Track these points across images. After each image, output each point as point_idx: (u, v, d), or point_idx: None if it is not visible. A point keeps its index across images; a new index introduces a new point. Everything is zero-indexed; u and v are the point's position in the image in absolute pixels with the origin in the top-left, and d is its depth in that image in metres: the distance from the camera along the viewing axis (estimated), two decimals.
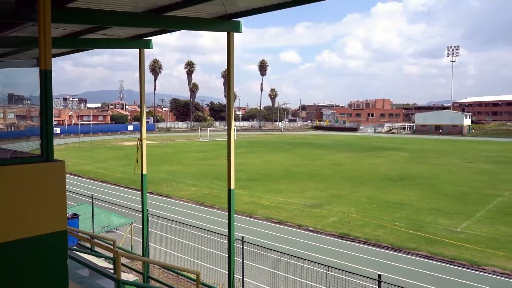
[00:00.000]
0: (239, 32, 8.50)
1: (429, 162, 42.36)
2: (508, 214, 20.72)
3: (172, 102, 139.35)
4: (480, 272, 13.56)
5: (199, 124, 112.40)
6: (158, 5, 7.51)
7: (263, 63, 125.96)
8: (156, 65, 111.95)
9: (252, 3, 7.47)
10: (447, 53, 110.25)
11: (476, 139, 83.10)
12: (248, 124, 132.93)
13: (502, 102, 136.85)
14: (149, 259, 11.55)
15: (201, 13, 8.04)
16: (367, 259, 14.66)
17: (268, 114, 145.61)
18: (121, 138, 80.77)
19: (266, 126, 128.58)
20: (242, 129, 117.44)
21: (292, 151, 55.14)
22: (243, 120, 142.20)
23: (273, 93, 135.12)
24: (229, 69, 8.61)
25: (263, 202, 23.49)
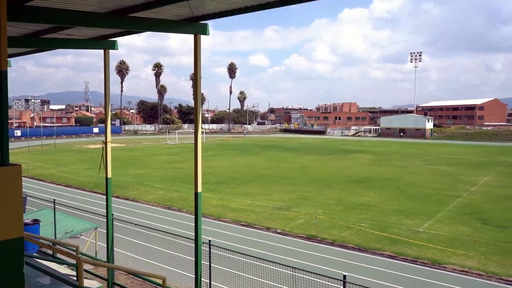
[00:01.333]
0: (206, 34, 8.47)
1: (394, 165, 43.56)
2: (467, 214, 21.59)
3: (139, 104, 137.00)
4: (441, 270, 14.03)
5: (167, 126, 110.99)
6: (122, 6, 7.37)
7: (232, 66, 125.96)
8: (122, 66, 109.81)
9: (219, 6, 7.47)
10: (411, 59, 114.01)
11: (438, 142, 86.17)
12: (217, 127, 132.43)
13: (462, 107, 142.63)
14: (114, 265, 11.28)
15: (168, 15, 7.96)
16: (334, 260, 14.89)
17: (237, 117, 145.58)
18: (86, 141, 78.63)
19: (235, 129, 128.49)
20: (211, 132, 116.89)
21: (261, 153, 55.36)
22: (212, 122, 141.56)
23: (242, 96, 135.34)
24: (196, 71, 8.56)
25: (232, 205, 23.44)
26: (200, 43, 8.46)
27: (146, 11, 7.53)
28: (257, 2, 7.01)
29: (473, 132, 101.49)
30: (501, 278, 13.25)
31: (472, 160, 49.07)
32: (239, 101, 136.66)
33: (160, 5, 7.06)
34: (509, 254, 15.30)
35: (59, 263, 8.94)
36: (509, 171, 38.92)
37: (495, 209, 22.78)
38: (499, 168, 40.74)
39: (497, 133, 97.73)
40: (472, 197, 26.13)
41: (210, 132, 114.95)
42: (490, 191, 28.20)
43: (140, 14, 7.71)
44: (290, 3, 6.78)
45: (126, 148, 64.68)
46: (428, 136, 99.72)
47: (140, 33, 9.82)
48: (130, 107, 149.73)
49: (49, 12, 7.01)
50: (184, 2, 6.81)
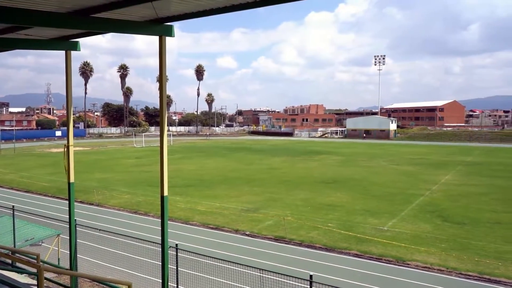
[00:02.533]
0: (172, 36, 8.40)
1: (359, 165, 44.53)
2: (429, 212, 22.36)
3: (104, 106, 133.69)
4: (404, 267, 14.46)
5: (134, 129, 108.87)
6: (84, 6, 7.20)
7: (200, 68, 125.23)
8: (86, 67, 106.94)
9: (184, 8, 7.42)
10: (375, 62, 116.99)
11: (401, 143, 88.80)
12: (185, 129, 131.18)
13: (423, 108, 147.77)
14: (77, 272, 10.96)
15: (131, 16, 7.84)
16: (302, 260, 15.05)
17: (205, 119, 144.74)
18: (48, 145, 76.00)
19: (203, 131, 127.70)
20: (179, 134, 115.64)
21: (229, 156, 55.27)
22: (180, 125, 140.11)
23: (209, 98, 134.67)
24: (161, 73, 8.47)
25: (200, 208, 23.27)
26: (165, 45, 8.38)
27: (109, 12, 7.39)
28: (222, 4, 7.02)
29: (434, 133, 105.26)
30: (461, 273, 13.80)
31: (433, 160, 50.88)
32: (207, 103, 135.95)
33: (123, 6, 6.95)
34: (468, 250, 15.96)
35: (18, 273, 8.60)
36: (467, 170, 40.62)
37: (454, 206, 23.70)
38: (458, 167, 42.44)
39: (456, 133, 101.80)
40: (434, 195, 27.09)
41: (178, 135, 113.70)
42: (450, 189, 29.32)
43: (103, 14, 7.56)
44: (255, 6, 6.83)
45: (90, 151, 62.98)
46: (392, 137, 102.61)
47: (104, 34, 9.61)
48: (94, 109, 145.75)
49: (6, 11, 6.75)
50: (148, 3, 6.74)
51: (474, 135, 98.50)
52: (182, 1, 6.98)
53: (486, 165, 44.51)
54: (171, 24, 8.35)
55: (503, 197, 26.40)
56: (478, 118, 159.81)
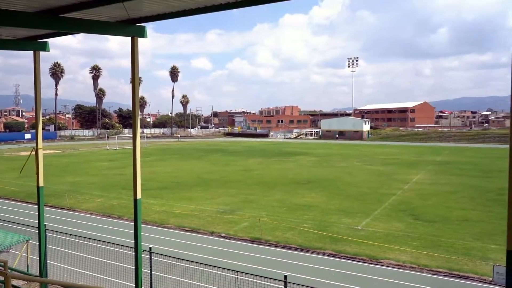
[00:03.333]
0: (144, 37, 8.30)
1: (334, 166, 45.12)
2: (401, 210, 22.86)
3: (76, 108, 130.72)
4: (378, 265, 14.72)
5: (107, 131, 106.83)
6: (53, 6, 7.04)
7: (175, 69, 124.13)
8: (57, 68, 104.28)
9: (157, 8, 7.36)
10: (348, 64, 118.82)
11: (374, 143, 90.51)
12: (160, 131, 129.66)
13: (396, 110, 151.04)
14: (47, 279, 10.67)
15: (102, 16, 7.71)
16: (277, 261, 15.12)
17: (180, 121, 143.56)
18: (17, 148, 73.62)
19: (178, 133, 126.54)
20: (153, 136, 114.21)
21: (204, 158, 54.99)
22: (154, 127, 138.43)
23: (184, 99, 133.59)
24: (133, 75, 8.36)
25: (175, 210, 23.05)
26: (137, 46, 8.28)
27: (79, 12, 7.25)
28: (195, 5, 7.00)
29: (405, 133, 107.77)
30: (432, 269, 14.17)
31: (405, 159, 52.07)
32: (181, 105, 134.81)
33: (94, 6, 6.82)
34: (438, 247, 16.40)
35: None
36: (437, 169, 41.76)
37: (425, 205, 24.32)
38: (429, 167, 43.58)
39: (426, 134, 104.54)
40: (406, 194, 27.72)
41: (153, 137, 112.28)
42: (421, 188, 30.07)
43: (73, 14, 7.41)
44: (227, 8, 6.83)
45: (61, 154, 61.41)
46: (365, 138, 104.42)
47: (74, 34, 9.41)
48: (66, 111, 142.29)
49: None
50: (119, 4, 6.64)
51: (444, 135, 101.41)
52: (154, 2, 6.91)
53: (455, 165, 45.88)
54: (143, 25, 8.26)
55: (471, 195, 27.27)
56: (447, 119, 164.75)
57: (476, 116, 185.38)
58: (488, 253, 15.75)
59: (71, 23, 7.60)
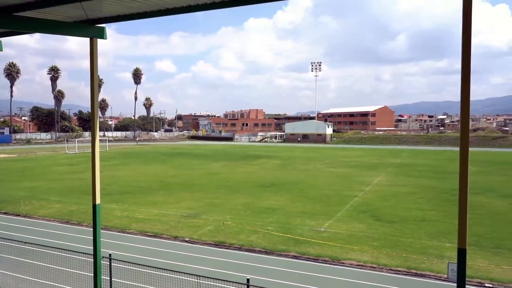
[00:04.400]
0: (104, 38, 8.12)
1: (297, 168, 45.67)
2: (362, 212, 23.44)
3: (33, 110, 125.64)
4: (340, 266, 15.01)
5: (66, 135, 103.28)
6: (6, 4, 6.76)
7: (138, 71, 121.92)
8: (12, 69, 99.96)
9: (116, 9, 7.22)
10: (311, 68, 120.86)
11: (337, 146, 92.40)
12: (122, 135, 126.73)
13: (357, 113, 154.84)
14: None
15: (59, 16, 7.47)
16: (241, 265, 15.11)
17: (143, 124, 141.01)
18: None
19: (141, 136, 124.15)
20: (115, 140, 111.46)
21: (168, 161, 54.25)
22: (116, 130, 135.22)
23: (148, 102, 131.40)
24: (92, 77, 8.15)
25: (138, 215, 22.58)
26: (96, 47, 8.08)
27: (35, 11, 7.01)
28: (156, 7, 6.93)
29: (367, 136, 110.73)
30: (391, 268, 14.61)
31: (366, 162, 53.46)
32: (145, 107, 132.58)
33: (49, 5, 6.61)
34: (397, 247, 16.93)
35: None
36: (397, 171, 43.15)
37: (385, 206, 25.06)
38: (388, 169, 44.95)
39: (386, 137, 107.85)
40: (367, 196, 28.45)
41: (114, 140, 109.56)
42: (382, 190, 30.97)
43: (28, 13, 7.14)
44: (189, 11, 6.81)
45: (17, 158, 58.81)
46: (328, 141, 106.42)
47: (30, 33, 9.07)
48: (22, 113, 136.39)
49: None
50: (76, 4, 6.46)
51: (403, 138, 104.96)
52: (114, 3, 6.78)
53: (413, 167, 47.57)
54: (103, 26, 8.08)
55: (428, 196, 28.35)
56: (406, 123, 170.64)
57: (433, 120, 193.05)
58: (444, 251, 16.41)
59: (26, 23, 7.33)
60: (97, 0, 6.64)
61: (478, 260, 15.27)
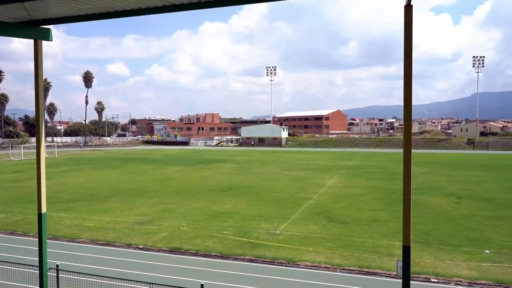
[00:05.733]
0: (49, 40, 7.80)
1: (253, 172, 45.90)
2: (317, 213, 23.93)
3: None
4: (295, 268, 15.23)
5: (11, 140, 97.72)
6: None
7: (88, 74, 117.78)
8: None
9: (62, 11, 6.97)
10: (267, 73, 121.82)
11: (292, 150, 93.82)
12: (72, 140, 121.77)
13: (312, 117, 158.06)
14: None
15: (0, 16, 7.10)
16: (198, 270, 14.96)
17: (95, 128, 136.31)
18: None
19: (93, 141, 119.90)
20: (65, 146, 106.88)
21: (121, 167, 52.76)
22: (66, 135, 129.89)
23: (100, 106, 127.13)
24: (37, 80, 7.80)
25: (88, 223, 21.76)
26: (41, 49, 7.75)
27: None
28: (104, 9, 6.76)
29: (321, 139, 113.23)
30: (344, 268, 15.01)
31: (320, 165, 54.67)
32: (96, 111, 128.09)
33: None
34: (350, 247, 17.43)
35: None
36: (349, 173, 44.45)
37: (338, 207, 25.73)
38: (342, 171, 46.22)
39: (339, 140, 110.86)
40: (321, 198, 29.08)
41: (64, 146, 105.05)
42: (335, 191, 31.78)
43: None
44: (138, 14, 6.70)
45: None
46: (284, 144, 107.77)
47: None
48: None
49: None
50: (18, 4, 6.18)
51: (355, 141, 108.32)
52: (59, 4, 6.55)
53: (364, 168, 49.22)
54: (48, 27, 7.76)
55: (379, 197, 29.43)
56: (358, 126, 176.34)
57: (383, 123, 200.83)
58: (393, 249, 17.08)
59: None
60: (42, 1, 6.38)
61: (424, 256, 16.02)
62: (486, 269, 14.61)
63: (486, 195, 30.06)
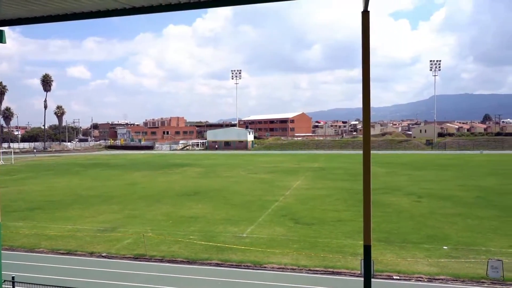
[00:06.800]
0: (2, 42, 7.49)
1: (220, 176, 45.73)
2: (283, 215, 24.12)
3: None
4: (262, 270, 15.27)
5: None
6: None
7: (47, 78, 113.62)
8: None
9: (16, 12, 6.72)
10: (232, 76, 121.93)
11: (258, 152, 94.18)
12: (30, 146, 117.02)
13: (277, 120, 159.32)
14: None
15: None
16: (163, 277, 14.72)
17: (55, 134, 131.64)
18: None
19: (52, 147, 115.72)
20: (22, 152, 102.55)
21: (83, 173, 51.22)
22: (24, 141, 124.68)
23: (59, 110, 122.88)
24: None
25: (48, 232, 20.96)
26: None
27: None
28: (62, 11, 6.57)
29: (286, 142, 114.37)
30: (310, 269, 15.20)
31: (286, 167, 55.19)
32: (56, 116, 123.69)
33: None
34: (316, 248, 17.67)
35: None
36: (314, 175, 45.12)
37: (304, 209, 26.05)
38: (307, 173, 46.85)
39: (305, 142, 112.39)
40: (287, 200, 29.35)
41: (21, 152, 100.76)
42: (301, 193, 32.16)
43: None
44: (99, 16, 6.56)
45: None
46: (250, 147, 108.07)
47: None
48: None
49: None
50: None
51: (320, 143, 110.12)
52: (12, 5, 6.30)
53: (329, 170, 50.11)
54: (1, 29, 7.45)
55: (343, 197, 30.03)
56: (323, 128, 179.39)
57: (346, 125, 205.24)
58: (357, 249, 17.44)
59: None
60: None
61: (387, 255, 16.48)
62: (444, 265, 15.21)
63: (444, 193, 31.31)
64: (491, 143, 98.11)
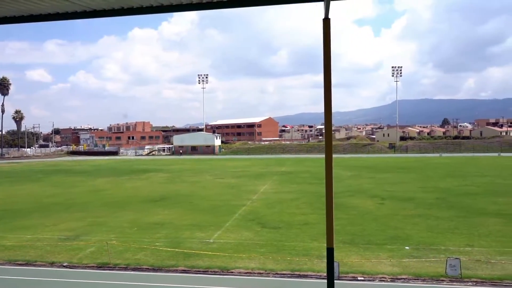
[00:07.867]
0: None
1: (187, 181, 45.28)
2: (250, 220, 24.15)
3: None
4: (229, 275, 15.22)
5: None
6: None
7: (5, 81, 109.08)
8: None
9: None
10: (199, 80, 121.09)
11: (226, 157, 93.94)
12: None
13: (244, 124, 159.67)
14: None
15: None
16: (127, 285, 14.41)
17: (13, 139, 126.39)
18: None
19: (10, 153, 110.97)
20: None
21: (44, 180, 49.40)
22: None
23: (18, 115, 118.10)
24: None
25: (6, 242, 20.07)
26: None
27: None
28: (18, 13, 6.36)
29: (254, 146, 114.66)
30: (277, 272, 15.28)
31: (253, 171, 55.31)
32: (15, 121, 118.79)
33: None
34: (282, 251, 17.78)
35: None
36: (281, 179, 45.47)
37: (271, 213, 26.19)
38: (274, 177, 47.14)
39: (272, 147, 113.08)
40: (254, 204, 29.41)
41: None
42: (268, 197, 32.32)
43: None
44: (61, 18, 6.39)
45: None
46: (217, 152, 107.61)
47: None
48: None
49: None
50: None
51: (287, 147, 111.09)
52: None
53: (296, 174, 50.64)
54: None
55: (310, 201, 30.40)
56: (289, 133, 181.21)
57: (313, 129, 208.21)
58: (323, 251, 17.55)
59: None
60: None
61: (352, 256, 16.81)
62: (406, 265, 15.68)
63: (406, 195, 32.31)
64: (450, 146, 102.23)
